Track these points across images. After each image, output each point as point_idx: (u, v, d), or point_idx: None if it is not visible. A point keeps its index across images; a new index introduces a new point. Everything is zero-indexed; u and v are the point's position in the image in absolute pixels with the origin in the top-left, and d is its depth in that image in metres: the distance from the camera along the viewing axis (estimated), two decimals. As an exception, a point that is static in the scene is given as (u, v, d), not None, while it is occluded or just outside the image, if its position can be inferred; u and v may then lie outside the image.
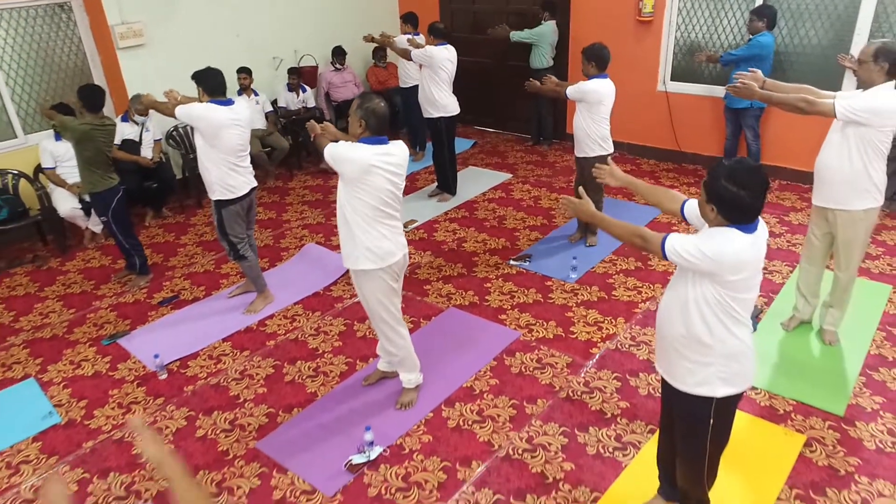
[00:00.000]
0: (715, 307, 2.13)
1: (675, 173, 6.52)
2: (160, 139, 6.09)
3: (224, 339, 4.14)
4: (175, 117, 3.84)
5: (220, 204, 3.97)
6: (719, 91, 6.06)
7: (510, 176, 6.69)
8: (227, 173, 3.88)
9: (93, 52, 6.11)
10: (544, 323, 4.13)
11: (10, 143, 5.72)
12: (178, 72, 5.81)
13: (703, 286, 2.12)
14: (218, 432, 3.34)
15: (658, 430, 2.70)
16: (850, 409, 3.25)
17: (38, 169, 5.54)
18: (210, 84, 3.79)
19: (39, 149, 5.41)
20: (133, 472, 3.12)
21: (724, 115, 6.09)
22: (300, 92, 7.11)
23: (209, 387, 3.71)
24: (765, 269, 4.60)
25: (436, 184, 6.33)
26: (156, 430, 3.39)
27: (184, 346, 4.04)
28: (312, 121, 3.37)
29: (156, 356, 3.84)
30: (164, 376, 3.81)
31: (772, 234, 5.13)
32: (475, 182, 6.53)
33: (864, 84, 3.35)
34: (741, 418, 3.22)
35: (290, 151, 6.88)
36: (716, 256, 2.03)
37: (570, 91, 4.61)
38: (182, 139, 6.41)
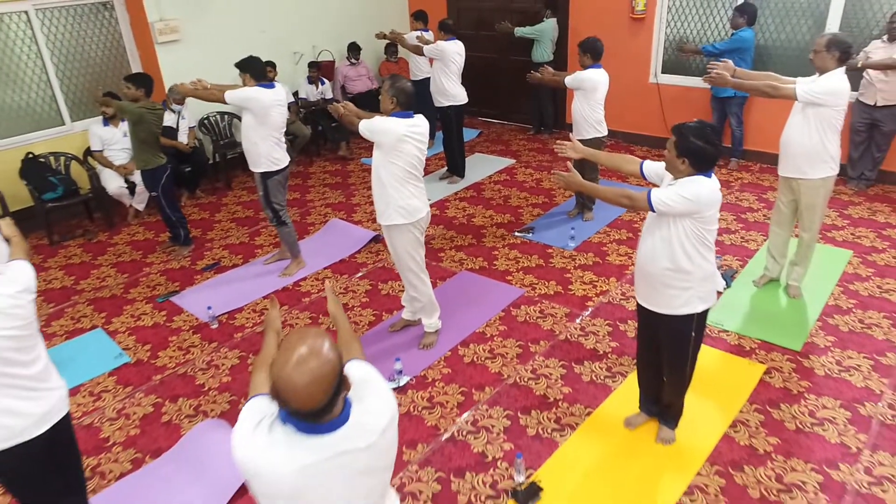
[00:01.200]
0: (694, 240, 2.70)
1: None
2: (194, 126, 6.67)
3: (264, 297, 4.71)
4: (224, 102, 4.40)
5: (266, 175, 4.55)
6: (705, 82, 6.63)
7: (514, 161, 7.26)
8: (273, 147, 4.46)
9: (132, 47, 6.68)
10: (545, 282, 4.71)
11: (59, 129, 6.29)
12: (210, 64, 6.44)
13: (683, 225, 2.68)
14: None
15: (637, 362, 3.27)
16: (806, 346, 3.83)
17: (87, 152, 6.11)
18: (256, 70, 4.37)
19: (89, 133, 5.99)
20: (199, 397, 3.70)
21: (710, 105, 6.67)
22: (319, 84, 7.68)
23: (255, 334, 4.28)
24: (742, 237, 5.21)
25: (445, 168, 6.90)
26: (213, 367, 3.96)
27: (230, 302, 4.62)
28: (334, 103, 3.92)
29: (209, 308, 4.42)
30: (216, 326, 4.38)
31: (750, 209, 5.70)
32: (482, 166, 7.10)
33: (819, 70, 3.90)
34: (713, 353, 3.83)
35: (310, 139, 7.45)
36: (695, 198, 2.60)
37: (569, 80, 5.18)
38: (213, 126, 6.99)
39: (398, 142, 3.40)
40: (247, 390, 2.77)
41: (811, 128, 3.90)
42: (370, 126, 3.45)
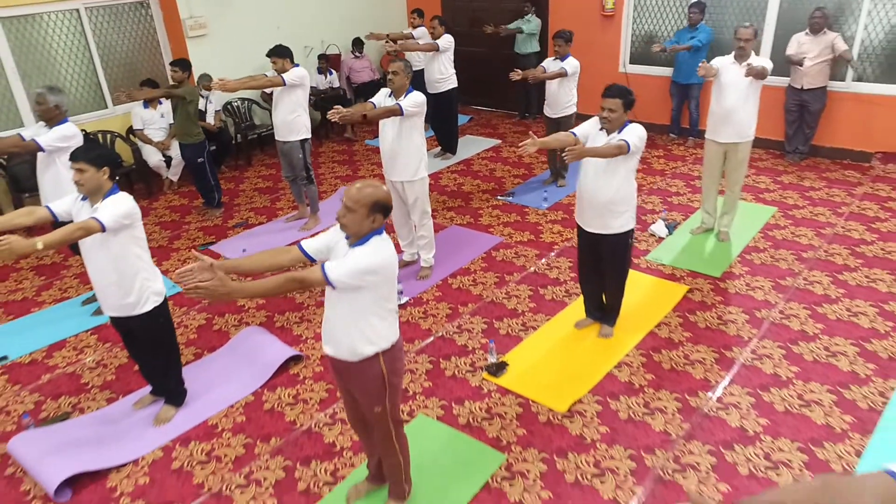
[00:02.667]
0: (632, 172, 3.68)
1: (634, 138, 8.06)
2: (219, 110, 7.62)
3: (289, 244, 5.66)
4: (273, 86, 5.35)
5: (304, 141, 5.60)
6: (667, 72, 7.61)
7: (500, 141, 8.23)
8: (307, 117, 5.53)
9: (164, 41, 7.65)
10: (521, 232, 5.68)
11: (103, 111, 7.25)
12: (233, 56, 7.43)
13: (629, 161, 3.65)
14: (294, 295, 4.89)
15: (581, 279, 4.21)
16: (725, 274, 4.81)
17: (129, 130, 7.07)
18: (290, 55, 5.35)
19: (132, 114, 6.95)
20: (241, 313, 4.66)
21: (669, 91, 7.65)
22: (327, 74, 8.65)
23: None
24: (688, 199, 6.17)
25: (439, 147, 7.86)
26: (250, 294, 4.92)
27: (260, 246, 5.57)
28: (344, 112, 4.36)
29: (243, 249, 5.39)
30: (250, 266, 5.34)
31: (699, 177, 6.66)
32: (472, 146, 8.07)
33: (746, 55, 4.85)
34: (649, 279, 4.80)
35: (319, 123, 8.41)
36: (644, 136, 3.58)
37: (571, 69, 6.02)
38: (235, 111, 7.95)
39: (423, 109, 4.43)
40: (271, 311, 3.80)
41: (749, 100, 4.85)
42: (412, 104, 4.37)
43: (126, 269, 3.21)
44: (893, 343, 3.91)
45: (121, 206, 3.12)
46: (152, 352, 3.52)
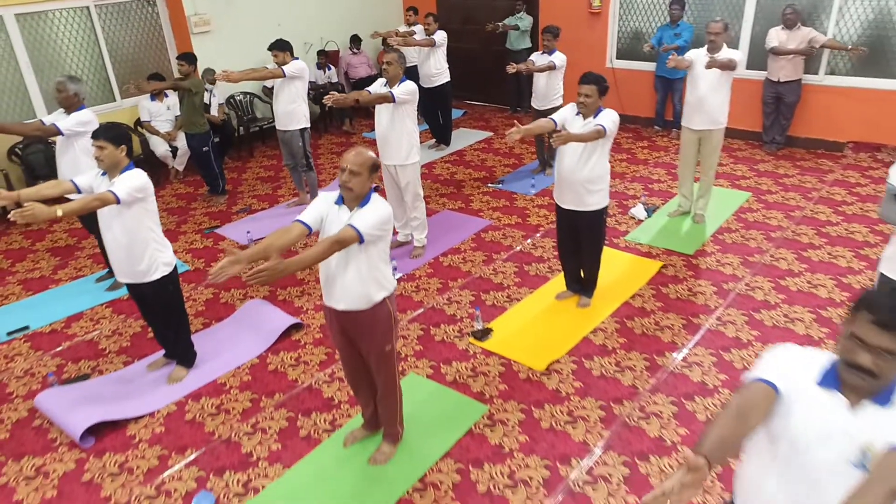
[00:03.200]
0: (606, 153, 4.02)
1: (622, 131, 8.38)
2: (223, 103, 7.95)
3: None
4: (274, 77, 5.71)
5: (304, 130, 5.95)
6: (652, 66, 7.95)
7: (492, 134, 8.58)
8: (306, 107, 5.89)
9: (170, 37, 7.98)
10: (509, 216, 6.02)
11: (111, 105, 7.58)
12: (237, 51, 7.76)
13: (604, 144, 3.99)
14: (295, 271, 5.22)
15: (561, 254, 4.55)
16: (697, 253, 5.15)
17: (137, 122, 7.40)
18: (291, 48, 5.68)
19: (139, 107, 7.28)
20: (246, 288, 4.99)
21: (654, 85, 7.99)
22: (326, 70, 8.99)
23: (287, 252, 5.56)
24: (668, 185, 6.51)
25: (433, 139, 8.20)
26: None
27: (262, 231, 5.91)
28: (338, 96, 4.81)
29: (248, 232, 5.72)
30: (252, 245, 5.67)
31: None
32: (465, 138, 8.41)
33: (717, 48, 5.19)
34: (626, 256, 5.13)
35: (318, 116, 8.74)
36: (617, 120, 3.92)
37: (559, 63, 6.36)
38: (237, 104, 8.29)
39: (416, 97, 4.76)
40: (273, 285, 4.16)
41: (722, 88, 5.20)
42: (404, 91, 4.73)
43: (138, 239, 3.54)
44: (847, 311, 4.25)
45: (135, 180, 3.45)
46: (163, 316, 3.85)
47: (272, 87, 6.49)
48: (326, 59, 8.94)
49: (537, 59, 6.49)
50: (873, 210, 5.66)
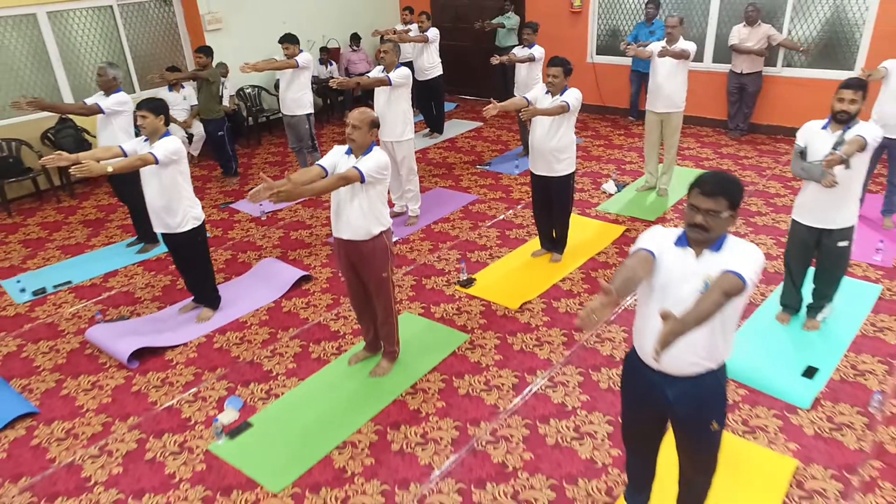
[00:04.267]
0: (571, 127, 4.71)
1: (601, 120, 9.10)
2: (233, 95, 8.64)
3: (298, 203, 6.68)
4: (290, 67, 6.39)
5: (309, 115, 6.66)
6: (629, 62, 8.65)
7: (482, 124, 9.27)
8: (311, 94, 6.53)
9: (185, 34, 8.67)
10: (494, 192, 6.71)
11: (132, 95, 8.20)
12: (246, 47, 8.42)
13: (569, 118, 4.68)
14: (303, 232, 5.89)
15: (535, 215, 5.23)
16: (658, 219, 5.83)
17: (156, 111, 8.07)
18: (298, 42, 6.37)
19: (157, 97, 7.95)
20: (259, 251, 5.67)
21: (629, 78, 8.70)
22: (328, 65, 9.68)
23: (293, 221, 6.25)
24: (639, 166, 7.20)
25: (428, 129, 8.89)
26: (266, 237, 5.93)
27: (273, 205, 6.59)
28: (342, 80, 5.70)
29: (260, 205, 6.40)
30: (265, 217, 6.36)
31: (651, 150, 7.70)
32: (456, 127, 9.11)
33: (675, 39, 5.90)
34: (595, 223, 5.81)
35: (321, 108, 9.43)
36: (580, 97, 4.60)
37: (539, 55, 7.08)
38: (247, 97, 8.98)
39: (409, 81, 5.47)
40: (284, 248, 4.76)
41: (679, 76, 5.90)
42: (399, 75, 5.43)
43: (173, 195, 4.20)
44: (779, 262, 4.93)
45: (171, 145, 4.13)
46: (192, 263, 4.52)
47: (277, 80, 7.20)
48: (328, 55, 9.63)
49: (518, 51, 7.19)
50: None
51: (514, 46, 9.38)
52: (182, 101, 7.98)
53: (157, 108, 4.15)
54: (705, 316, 1.97)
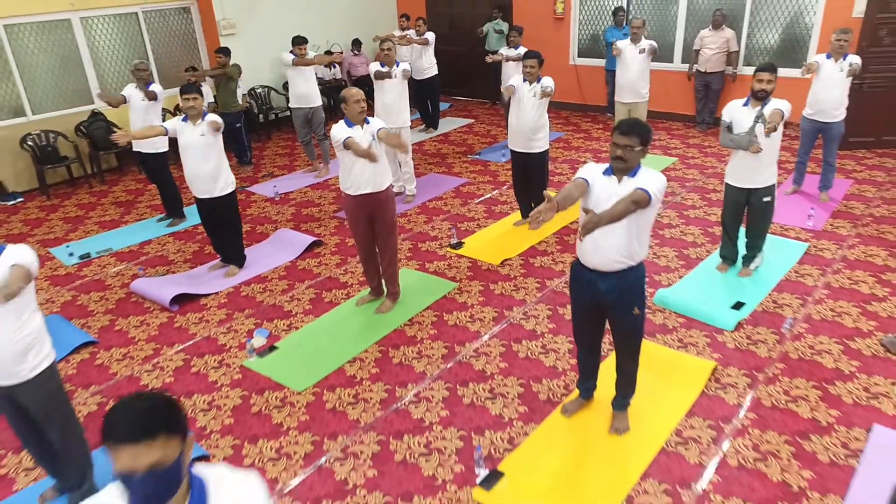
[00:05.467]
0: (545, 108, 5.51)
1: (582, 116, 9.93)
2: (246, 93, 9.45)
3: (307, 186, 7.46)
4: (316, 64, 7.27)
5: (323, 106, 7.43)
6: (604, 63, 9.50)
7: (473, 121, 10.10)
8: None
9: (201, 38, 9.50)
10: (483, 176, 7.51)
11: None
12: (259, 50, 9.23)
13: (545, 102, 5.48)
14: (312, 209, 6.68)
15: (515, 186, 6.02)
16: (626, 196, 6.62)
17: (176, 107, 8.87)
18: (307, 43, 7.20)
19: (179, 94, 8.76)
20: (275, 224, 6.45)
21: (605, 78, 9.53)
22: (332, 68, 10.51)
23: (303, 200, 7.04)
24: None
25: (424, 125, 9.71)
26: (280, 213, 6.71)
27: (286, 187, 7.39)
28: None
29: (274, 186, 7.19)
30: (278, 198, 7.15)
31: (625, 141, 8.52)
32: (450, 124, 9.93)
33: (638, 38, 6.74)
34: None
35: (325, 106, 10.23)
36: (554, 87, 5.41)
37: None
38: (258, 95, 9.79)
39: (406, 74, 6.31)
40: (297, 221, 5.52)
41: (645, 68, 6.74)
42: (406, 68, 6.25)
43: (219, 163, 5.00)
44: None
45: (218, 119, 4.93)
46: (225, 224, 5.29)
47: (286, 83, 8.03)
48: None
49: (506, 52, 8.02)
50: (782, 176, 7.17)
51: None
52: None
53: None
54: (617, 216, 2.76)
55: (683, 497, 2.99)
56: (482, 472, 3.15)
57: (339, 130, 4.28)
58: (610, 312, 3.21)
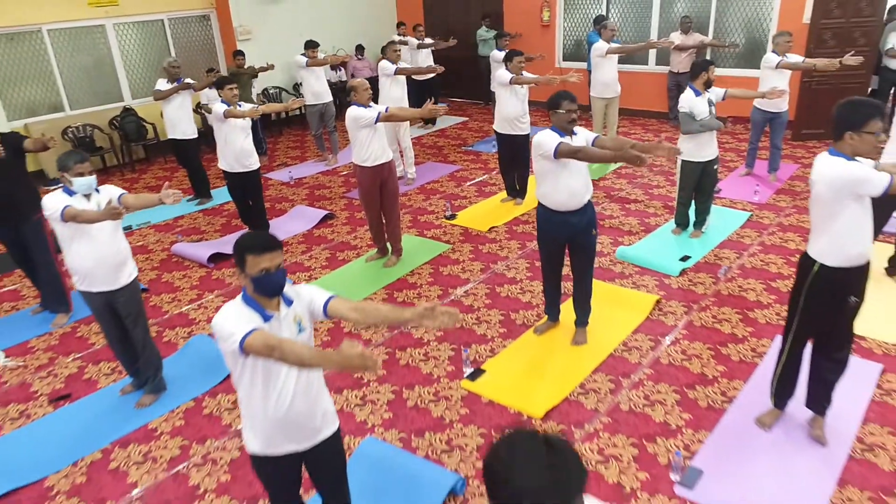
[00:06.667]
0: (526, 96, 6.43)
1: (567, 116, 10.85)
2: (259, 93, 10.36)
3: (318, 173, 8.36)
4: (326, 64, 8.17)
5: (333, 101, 8.34)
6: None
7: (467, 119, 11.03)
8: None
9: (219, 42, 10.43)
10: (475, 164, 8.42)
11: (176, 93, 9.97)
12: (269, 53, 10.16)
13: (527, 93, 6.41)
14: (324, 191, 7.57)
15: (503, 169, 6.92)
16: (601, 178, 7.53)
17: (198, 105, 9.78)
18: (318, 46, 8.13)
19: (200, 94, 9.68)
20: (291, 202, 7.34)
21: (587, 78, 10.47)
22: (337, 71, 11.44)
23: (316, 183, 7.93)
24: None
25: (422, 121, 10.64)
26: (295, 195, 7.60)
27: (300, 173, 8.29)
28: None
29: (289, 172, 8.09)
30: (293, 182, 8.04)
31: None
32: (446, 121, 10.86)
33: (612, 39, 7.67)
34: (552, 180, 7.53)
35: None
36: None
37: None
38: (270, 95, 10.71)
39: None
40: (311, 200, 6.46)
41: (615, 67, 7.68)
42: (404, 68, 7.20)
43: (249, 142, 5.91)
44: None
45: (247, 106, 5.84)
46: (257, 194, 6.17)
47: (300, 83, 8.94)
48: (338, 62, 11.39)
49: (496, 55, 8.94)
50: (737, 162, 8.09)
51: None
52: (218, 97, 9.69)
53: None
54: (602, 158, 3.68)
55: (623, 383, 3.86)
56: (468, 370, 4.03)
57: (361, 111, 5.17)
58: (577, 239, 4.04)
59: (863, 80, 8.04)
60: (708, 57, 9.49)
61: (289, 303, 2.29)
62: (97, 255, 3.55)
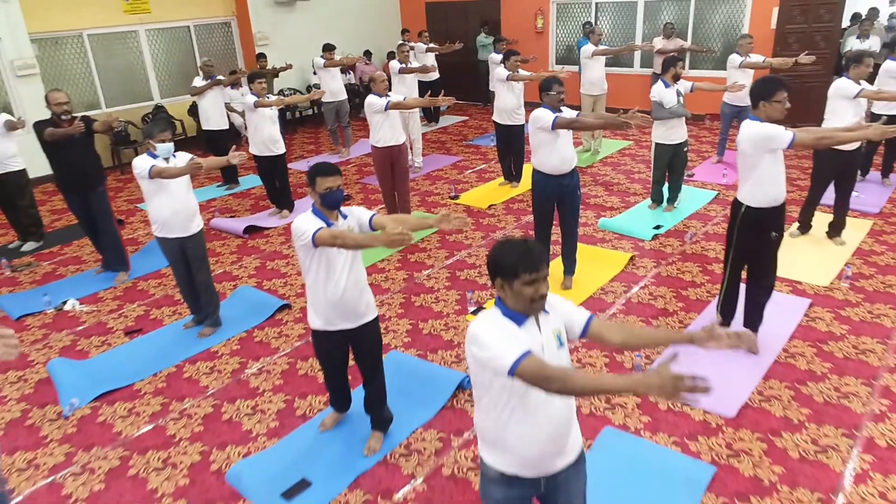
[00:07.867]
0: (522, 93, 7.31)
1: (559, 115, 11.75)
2: (276, 94, 11.22)
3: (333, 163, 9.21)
4: (341, 65, 9.05)
5: (350, 99, 9.22)
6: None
7: (468, 118, 11.92)
8: None
9: (239, 47, 11.32)
10: (475, 156, 9.29)
11: (200, 93, 10.84)
12: (285, 56, 11.06)
13: (521, 88, 7.28)
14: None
15: (501, 156, 7.78)
16: (588, 167, 8.39)
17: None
18: (334, 48, 9.02)
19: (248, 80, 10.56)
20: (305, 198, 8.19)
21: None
22: (346, 74, 12.34)
23: (331, 173, 8.79)
24: (577, 137, 9.83)
25: (426, 120, 11.52)
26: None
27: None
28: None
29: (307, 162, 8.95)
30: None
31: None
32: (448, 120, 11.75)
33: (598, 43, 8.57)
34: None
35: (342, 106, 12.04)
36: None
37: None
38: (286, 96, 11.57)
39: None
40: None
41: (602, 68, 8.56)
42: (400, 69, 8.07)
43: (278, 129, 6.78)
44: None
45: (272, 98, 6.71)
46: (282, 178, 7.02)
47: (312, 85, 9.82)
48: (347, 66, 12.29)
49: (493, 57, 9.84)
50: (711, 152, 8.97)
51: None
52: (240, 96, 10.54)
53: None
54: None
55: (600, 316, 4.69)
56: (472, 308, 4.87)
57: (375, 99, 6.05)
58: (566, 198, 4.89)
59: (824, 80, 8.92)
60: (686, 62, 10.42)
61: (345, 217, 3.13)
62: (174, 207, 4.39)
